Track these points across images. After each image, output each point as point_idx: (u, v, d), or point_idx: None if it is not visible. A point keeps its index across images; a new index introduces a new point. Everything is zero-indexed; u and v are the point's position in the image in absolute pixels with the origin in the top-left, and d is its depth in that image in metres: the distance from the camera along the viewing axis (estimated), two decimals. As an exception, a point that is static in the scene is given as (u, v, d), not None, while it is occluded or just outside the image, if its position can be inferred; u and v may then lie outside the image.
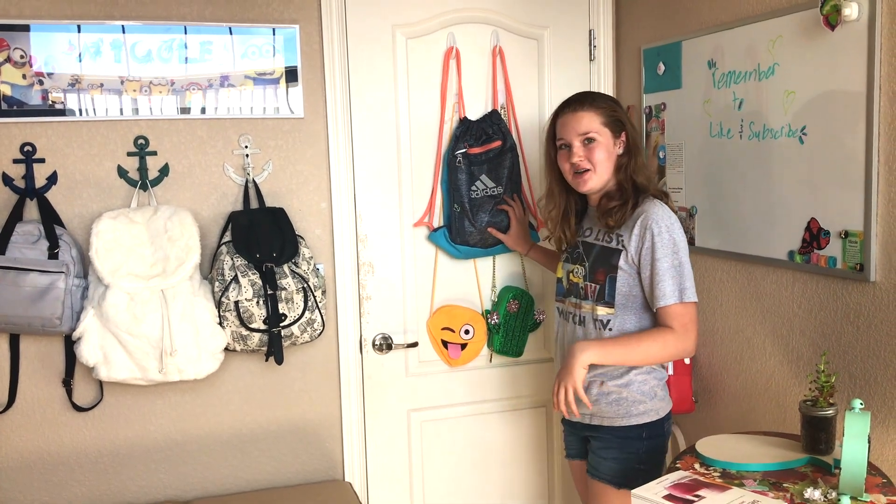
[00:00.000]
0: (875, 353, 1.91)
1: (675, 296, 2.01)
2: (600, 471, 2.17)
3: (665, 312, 2.03)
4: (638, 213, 2.07)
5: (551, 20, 2.78)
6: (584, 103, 2.14)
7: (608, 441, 2.15)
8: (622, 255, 2.08)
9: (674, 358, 2.10)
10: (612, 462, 2.14)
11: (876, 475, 1.71)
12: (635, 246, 2.05)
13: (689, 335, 2.03)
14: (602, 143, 2.11)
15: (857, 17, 1.85)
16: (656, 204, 2.08)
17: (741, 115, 2.27)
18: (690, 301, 2.03)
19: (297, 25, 2.51)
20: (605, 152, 2.12)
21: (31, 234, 2.24)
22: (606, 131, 2.12)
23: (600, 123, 2.12)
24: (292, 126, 2.55)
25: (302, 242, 2.47)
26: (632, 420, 2.11)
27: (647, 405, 2.11)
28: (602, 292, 2.11)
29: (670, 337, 2.02)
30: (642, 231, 2.04)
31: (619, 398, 2.11)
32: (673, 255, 2.02)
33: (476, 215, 2.62)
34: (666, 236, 2.02)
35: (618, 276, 2.09)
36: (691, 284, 2.03)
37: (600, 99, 2.17)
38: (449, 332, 2.75)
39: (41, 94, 2.32)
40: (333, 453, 2.69)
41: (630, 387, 2.10)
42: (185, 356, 2.30)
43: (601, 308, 2.12)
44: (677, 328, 2.02)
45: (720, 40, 2.33)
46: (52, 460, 2.44)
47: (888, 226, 1.85)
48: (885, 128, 1.83)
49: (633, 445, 2.12)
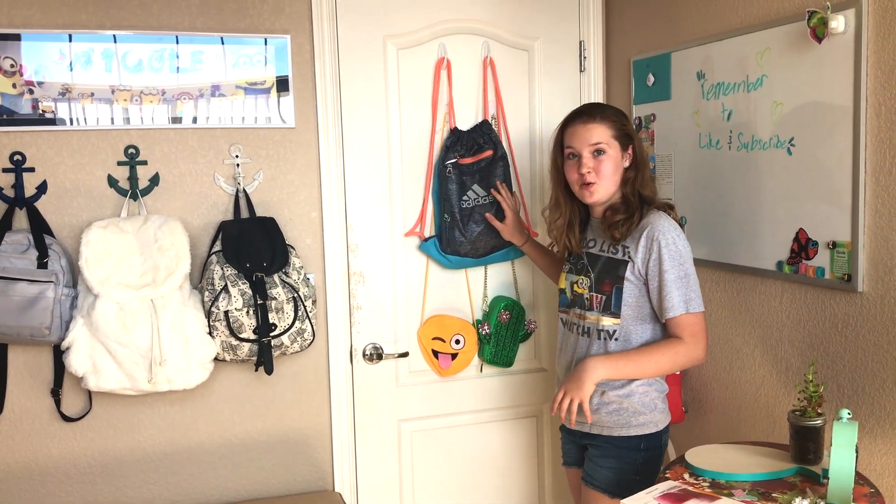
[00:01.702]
0: (863, 363, 1.92)
1: (682, 306, 2.03)
2: (596, 479, 2.17)
3: (673, 323, 2.05)
4: (644, 225, 2.08)
5: (542, 31, 2.79)
6: (596, 115, 2.14)
7: (606, 450, 2.16)
8: (629, 267, 2.09)
9: (685, 367, 2.12)
10: (608, 471, 2.15)
11: (864, 485, 1.72)
12: (642, 257, 2.07)
13: (698, 344, 2.05)
14: (611, 156, 2.12)
15: (844, 30, 1.87)
16: (661, 216, 2.09)
17: (730, 126, 2.28)
18: (697, 311, 2.05)
19: (289, 35, 2.52)
20: (613, 165, 2.13)
21: (20, 243, 2.24)
22: (616, 144, 2.13)
23: (610, 136, 2.12)
24: (283, 136, 2.55)
25: (292, 252, 2.47)
26: (631, 430, 2.12)
27: (647, 417, 2.12)
28: (608, 303, 2.12)
29: (680, 347, 2.04)
30: (649, 243, 2.05)
31: (619, 408, 2.12)
32: (679, 266, 2.04)
33: (466, 225, 2.62)
34: (673, 248, 2.04)
35: (624, 287, 2.09)
36: (697, 294, 2.05)
37: (611, 112, 2.18)
38: (439, 341, 2.74)
39: (31, 103, 2.32)
40: (323, 463, 2.68)
41: (631, 397, 2.11)
42: (175, 366, 2.29)
43: (607, 318, 2.12)
44: (686, 338, 2.04)
45: (709, 52, 2.35)
46: (41, 471, 2.42)
47: (875, 236, 1.86)
48: (872, 139, 1.85)
49: (630, 456, 2.13)
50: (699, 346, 2.06)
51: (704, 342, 2.07)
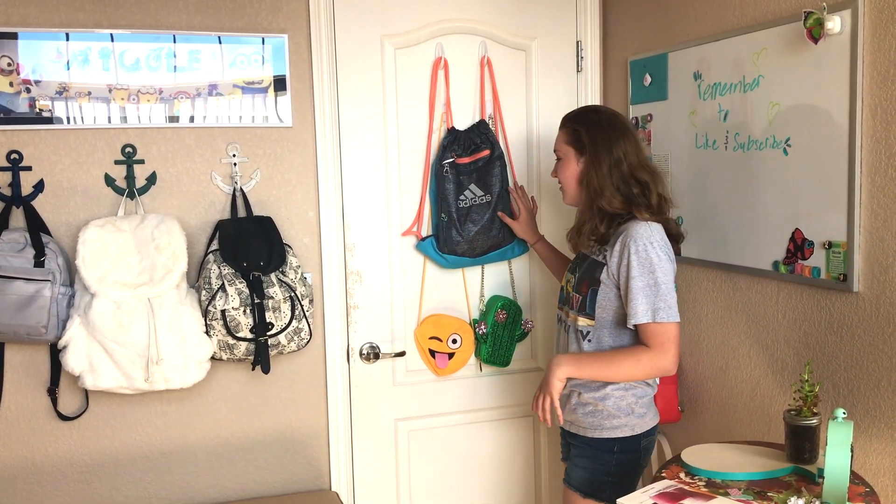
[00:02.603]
0: (858, 363, 1.93)
1: (647, 315, 2.00)
2: (572, 477, 2.21)
3: (641, 330, 2.03)
4: (622, 230, 2.07)
5: (539, 31, 2.79)
6: (563, 121, 2.24)
7: (582, 450, 2.19)
8: (604, 270, 2.09)
9: (650, 376, 2.08)
10: (581, 471, 2.18)
11: (859, 484, 1.72)
12: (615, 262, 2.06)
13: (665, 354, 2.01)
14: (565, 162, 2.21)
15: (840, 30, 1.88)
16: (640, 224, 2.05)
17: (726, 127, 2.29)
18: (666, 321, 1.99)
19: (286, 35, 2.52)
20: (568, 171, 2.20)
21: (17, 241, 2.23)
22: (571, 150, 2.19)
23: (564, 142, 2.21)
24: (280, 135, 2.55)
25: (289, 251, 2.47)
26: (604, 433, 2.13)
27: (622, 420, 2.12)
28: (584, 303, 2.14)
29: (644, 355, 2.02)
30: (622, 248, 2.05)
31: (594, 410, 2.14)
32: (649, 274, 1.99)
33: (464, 225, 2.62)
34: (643, 255, 2.00)
35: (599, 290, 2.10)
36: (667, 304, 1.99)
37: (575, 117, 2.23)
38: (436, 341, 2.75)
39: (28, 101, 2.31)
40: (320, 463, 2.68)
41: (606, 401, 2.12)
42: (172, 365, 2.29)
43: (582, 319, 2.14)
44: (653, 346, 2.01)
45: (706, 52, 2.35)
46: (37, 470, 2.42)
47: (871, 237, 1.87)
48: (868, 140, 1.85)
49: (602, 458, 2.14)
50: (666, 357, 2.01)
51: (673, 353, 2.01)
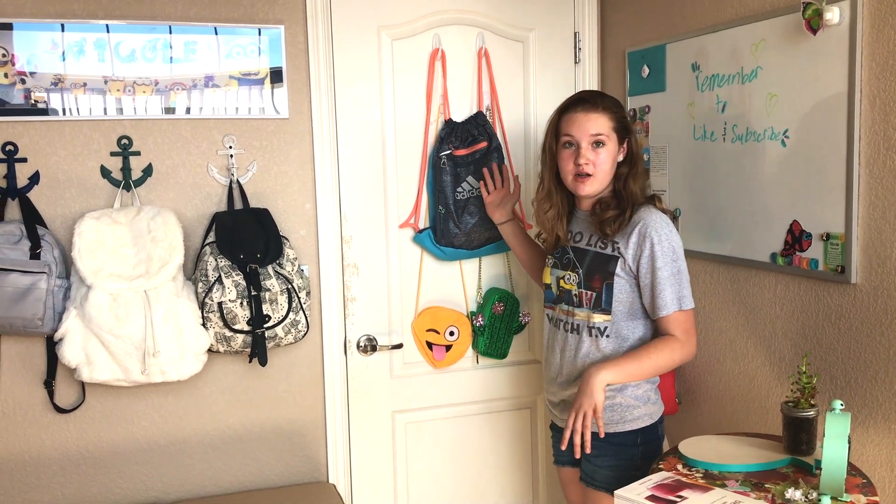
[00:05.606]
0: (855, 355, 1.93)
1: (674, 304, 2.02)
2: (596, 479, 2.14)
3: (666, 321, 2.04)
4: (636, 221, 2.05)
5: (537, 22, 2.78)
6: (598, 104, 2.08)
7: (603, 448, 2.09)
8: (619, 263, 2.06)
9: (679, 364, 2.10)
10: (607, 470, 2.11)
11: (856, 475, 1.72)
12: (633, 254, 2.04)
13: (690, 340, 2.05)
14: (609, 149, 2.08)
15: (839, 21, 1.87)
16: (652, 212, 2.07)
17: (725, 118, 2.28)
18: (688, 308, 2.04)
19: (283, 26, 2.51)
20: (611, 158, 2.09)
21: (12, 234, 2.23)
22: (615, 137, 2.09)
23: (610, 128, 2.08)
24: (277, 126, 2.54)
25: (286, 243, 2.47)
26: (626, 426, 2.10)
27: (641, 410, 2.11)
28: (599, 299, 2.09)
29: (676, 345, 2.04)
30: (640, 239, 2.03)
31: (612, 404, 2.09)
32: (672, 262, 2.02)
33: (461, 217, 2.62)
34: (666, 244, 2.02)
35: (615, 283, 2.07)
36: (689, 291, 2.05)
37: (611, 102, 2.12)
38: (434, 333, 2.74)
39: (23, 93, 2.30)
40: (317, 455, 2.68)
41: (624, 391, 2.09)
42: (168, 357, 2.28)
43: (598, 315, 2.10)
44: (680, 335, 2.03)
45: (704, 43, 2.34)
46: (34, 462, 2.42)
47: (869, 228, 1.87)
48: (866, 131, 1.85)
49: (628, 452, 2.11)
50: (691, 343, 2.06)
51: (695, 338, 2.08)
